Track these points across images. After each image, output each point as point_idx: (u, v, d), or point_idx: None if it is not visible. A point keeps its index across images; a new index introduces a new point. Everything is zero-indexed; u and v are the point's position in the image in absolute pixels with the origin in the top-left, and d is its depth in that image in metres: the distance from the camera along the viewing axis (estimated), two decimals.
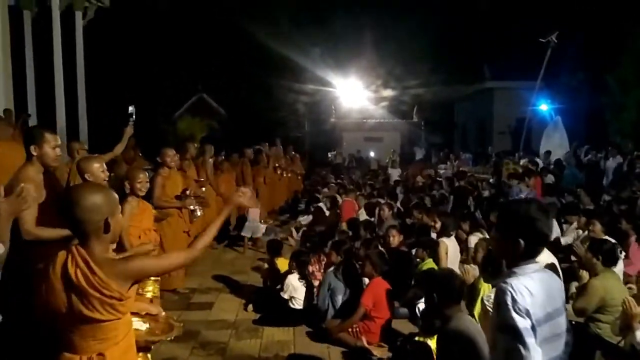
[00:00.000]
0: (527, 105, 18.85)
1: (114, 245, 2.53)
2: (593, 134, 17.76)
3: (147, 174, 4.83)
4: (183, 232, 6.54)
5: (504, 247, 2.03)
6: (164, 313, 2.67)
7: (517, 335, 1.82)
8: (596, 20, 17.45)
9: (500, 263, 3.55)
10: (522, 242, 1.93)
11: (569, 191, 9.83)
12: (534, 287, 1.90)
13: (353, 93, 23.87)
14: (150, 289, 3.72)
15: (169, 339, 2.58)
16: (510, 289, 1.86)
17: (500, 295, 1.90)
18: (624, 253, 5.25)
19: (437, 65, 23.83)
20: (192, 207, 6.17)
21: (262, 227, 8.82)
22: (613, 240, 4.97)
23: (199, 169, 8.33)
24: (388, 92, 24.10)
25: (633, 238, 6.13)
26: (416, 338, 3.65)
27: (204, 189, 7.69)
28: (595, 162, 13.90)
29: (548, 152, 14.41)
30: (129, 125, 5.44)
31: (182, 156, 7.35)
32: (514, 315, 1.83)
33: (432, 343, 3.69)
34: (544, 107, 18.97)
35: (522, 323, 1.82)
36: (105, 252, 2.04)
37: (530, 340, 1.82)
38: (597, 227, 5.73)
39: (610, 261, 4.31)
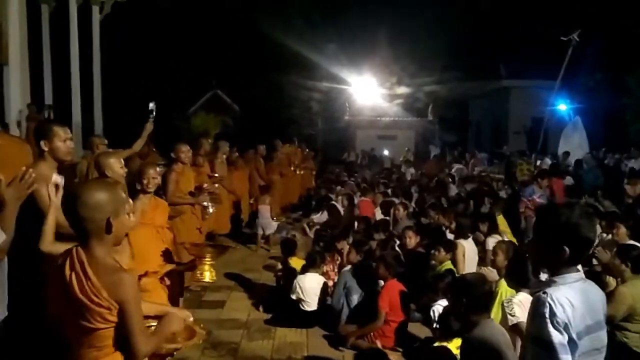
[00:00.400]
0: (543, 105, 18.53)
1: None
2: (612, 135, 17.39)
3: (157, 169, 4.76)
4: (196, 229, 6.50)
5: (545, 254, 1.92)
6: (192, 318, 2.46)
7: (551, 351, 1.72)
8: (616, 20, 17.08)
9: (526, 270, 3.43)
10: (567, 249, 1.82)
11: (590, 193, 9.60)
12: (575, 298, 1.79)
13: (367, 90, 23.66)
14: (207, 273, 3.62)
15: (192, 344, 2.35)
16: (550, 301, 1.76)
17: (538, 306, 1.79)
18: None
19: (452, 63, 23.51)
20: (205, 203, 6.10)
21: (274, 224, 8.74)
22: None
23: (213, 165, 8.28)
24: (402, 90, 23.84)
25: None
26: (436, 343, 3.51)
27: (216, 185, 7.63)
28: (615, 164, 13.60)
29: (567, 153, 14.15)
30: (149, 122, 5.40)
31: (196, 152, 7.31)
32: (551, 329, 1.73)
33: (452, 347, 3.56)
34: (562, 107, 18.63)
35: (558, 338, 1.72)
36: (106, 256, 1.94)
37: (564, 356, 1.72)
38: (622, 230, 5.54)
39: (639, 268, 4.14)
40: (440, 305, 3.99)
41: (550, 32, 15.12)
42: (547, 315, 1.74)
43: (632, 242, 5.19)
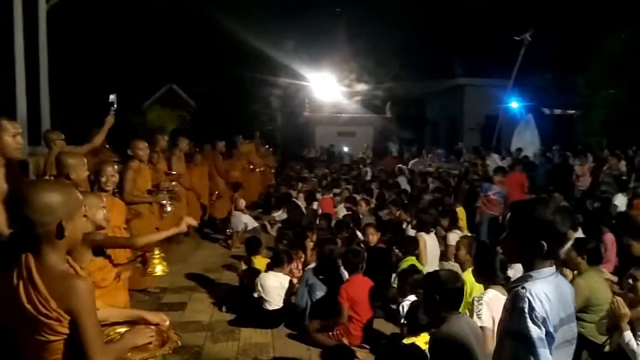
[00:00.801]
0: (497, 103, 19.19)
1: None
2: (561, 132, 18.17)
3: (115, 167, 4.55)
4: (154, 229, 6.26)
5: (522, 249, 1.94)
6: (168, 322, 2.34)
7: (529, 345, 1.75)
8: (566, 21, 17.81)
9: (494, 265, 3.48)
10: (544, 244, 1.85)
11: (541, 189, 9.97)
12: (551, 292, 1.83)
13: (326, 87, 23.67)
14: (160, 267, 3.43)
15: (164, 353, 2.19)
16: (529, 296, 1.78)
17: (517, 301, 1.81)
18: None
19: (409, 61, 23.89)
20: (163, 202, 5.89)
21: (244, 221, 8.61)
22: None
23: (170, 162, 8.02)
24: (361, 87, 24.00)
25: (607, 235, 6.20)
26: (405, 339, 3.51)
27: (174, 183, 7.39)
28: (564, 161, 14.21)
29: (519, 149, 14.64)
30: (110, 115, 5.16)
31: (152, 148, 7.07)
32: (530, 324, 1.75)
33: (420, 342, 3.56)
34: (514, 105, 19.31)
35: (537, 333, 1.75)
36: (59, 262, 1.79)
37: (541, 350, 1.75)
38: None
39: (594, 260, 4.30)
40: (409, 301, 3.99)
41: (504, 32, 15.58)
42: (526, 310, 1.76)
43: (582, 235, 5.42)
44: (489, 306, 3.24)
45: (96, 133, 5.66)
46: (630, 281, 3.49)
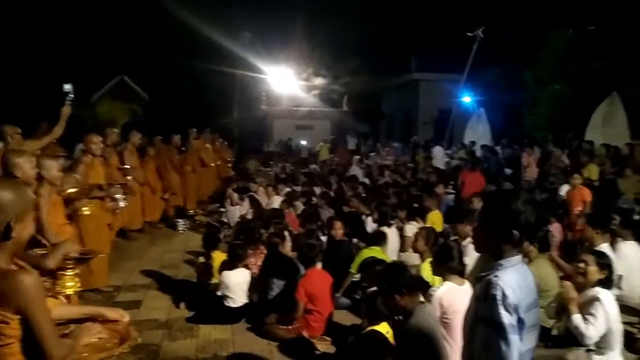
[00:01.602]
0: (450, 97, 19.72)
1: None
2: (511, 126, 18.86)
3: (58, 162, 4.36)
4: (106, 225, 6.05)
5: (493, 239, 1.98)
6: (127, 318, 2.24)
7: (501, 331, 1.80)
8: (516, 18, 18.46)
9: (452, 256, 3.56)
10: (516, 233, 1.91)
11: (492, 181, 10.32)
12: (519, 280, 1.89)
13: (284, 80, 23.51)
14: (71, 284, 3.21)
15: (124, 352, 2.10)
16: (501, 284, 1.83)
17: (489, 288, 1.85)
18: None
19: (366, 56, 24.12)
20: (117, 196, 5.69)
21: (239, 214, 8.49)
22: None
23: (122, 156, 7.75)
24: (319, 81, 24.03)
25: (555, 225, 6.50)
26: (368, 328, 3.53)
27: (129, 177, 7.16)
28: (513, 154, 14.78)
29: (472, 143, 15.09)
30: (66, 105, 4.94)
31: (103, 143, 6.82)
32: (502, 311, 1.80)
33: (382, 329, 3.58)
34: (467, 99, 19.88)
35: (509, 319, 1.81)
36: (5, 262, 1.70)
37: (512, 337, 1.81)
38: None
39: (544, 247, 4.49)
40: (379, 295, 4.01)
41: (457, 29, 15.98)
42: (498, 297, 1.81)
43: None
44: (440, 303, 3.32)
45: (45, 127, 5.41)
46: (581, 265, 3.60)
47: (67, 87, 5.12)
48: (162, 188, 8.98)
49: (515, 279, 1.87)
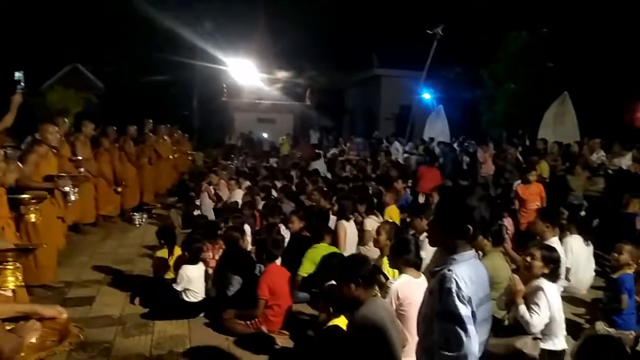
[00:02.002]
0: (411, 94, 20.02)
1: None
2: (469, 123, 19.37)
3: (4, 152, 4.17)
4: (57, 218, 5.81)
5: (448, 234, 2.01)
6: (65, 315, 2.12)
7: (460, 323, 1.83)
8: (475, 17, 18.90)
9: (409, 250, 3.61)
10: (471, 228, 1.93)
11: (448, 177, 10.60)
12: (471, 274, 1.92)
13: (246, 73, 23.20)
14: (12, 279, 3.02)
15: (65, 349, 1.99)
16: (455, 277, 1.86)
17: (444, 282, 1.88)
18: None
19: (329, 50, 24.12)
20: (66, 189, 5.46)
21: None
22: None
23: (74, 147, 7.45)
24: (282, 74, 23.86)
25: (507, 220, 6.71)
26: (329, 323, 3.53)
27: (82, 169, 6.88)
28: (468, 151, 15.18)
29: (431, 139, 15.39)
30: (17, 93, 4.71)
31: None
32: (458, 303, 1.83)
33: (341, 324, 3.60)
34: (427, 96, 20.24)
35: (465, 311, 1.83)
36: None
37: (471, 327, 1.84)
38: None
39: (498, 241, 4.63)
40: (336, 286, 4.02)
41: (418, 25, 16.20)
42: (453, 290, 1.84)
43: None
44: (395, 296, 3.37)
45: None
46: (528, 258, 3.75)
47: (18, 74, 4.89)
48: (116, 181, 8.69)
49: (468, 273, 1.90)
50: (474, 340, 1.83)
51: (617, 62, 15.25)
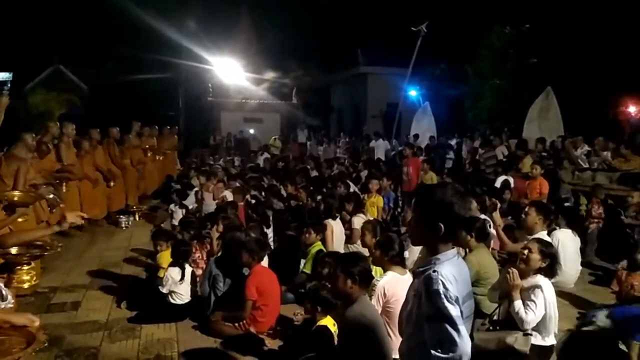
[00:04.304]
0: (397, 91, 20.06)
1: None
2: (455, 119, 19.48)
3: None
4: (41, 222, 5.74)
5: (423, 231, 2.00)
6: (38, 323, 2.11)
7: (451, 324, 1.80)
8: (457, 13, 19.00)
9: (393, 248, 3.61)
10: (442, 226, 1.90)
11: (436, 172, 10.62)
12: (455, 273, 1.90)
13: (232, 72, 23.04)
14: (27, 278, 2.98)
15: (32, 353, 2.00)
16: (442, 278, 1.83)
17: (431, 284, 1.85)
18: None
19: (315, 49, 24.06)
20: (50, 196, 5.38)
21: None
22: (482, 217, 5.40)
23: (58, 150, 7.36)
24: (268, 74, 23.73)
25: (496, 214, 6.75)
26: (319, 322, 3.52)
27: (65, 173, 6.79)
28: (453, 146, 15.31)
29: (416, 135, 15.45)
30: (4, 95, 4.62)
31: (42, 137, 6.49)
32: (447, 304, 1.81)
33: (329, 324, 3.59)
34: (413, 93, 20.31)
35: (455, 311, 1.81)
36: None
37: (462, 327, 1.82)
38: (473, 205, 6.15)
39: (482, 237, 4.65)
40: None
41: (403, 22, 16.22)
42: (441, 291, 1.81)
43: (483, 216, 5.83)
44: (381, 294, 3.37)
45: None
46: (525, 252, 3.69)
47: (5, 75, 4.79)
48: (105, 177, 8.61)
49: (452, 272, 1.88)
50: (467, 339, 1.82)
51: (600, 57, 15.45)
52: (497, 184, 8.51)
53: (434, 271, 1.87)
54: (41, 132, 7.05)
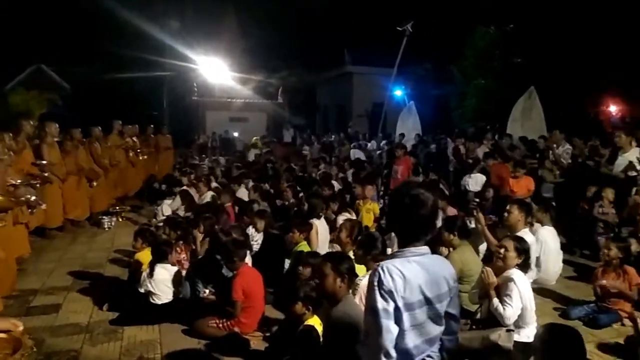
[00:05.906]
0: (383, 90, 20.10)
1: None
2: (440, 119, 19.59)
3: None
4: (19, 225, 5.63)
5: (396, 230, 2.05)
6: (21, 327, 2.09)
7: (375, 316, 1.83)
8: (442, 13, 19.12)
9: (373, 246, 3.62)
10: (407, 225, 1.96)
11: (422, 171, 10.70)
12: (410, 271, 1.87)
13: (217, 72, 22.88)
14: None
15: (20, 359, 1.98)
16: (380, 270, 1.86)
17: (371, 276, 1.91)
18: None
19: (300, 48, 24.03)
20: (32, 198, 5.26)
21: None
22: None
23: (40, 149, 7.22)
24: (254, 73, 23.64)
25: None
26: (306, 322, 3.50)
27: (46, 174, 6.67)
28: (442, 146, 15.36)
29: (402, 135, 15.51)
30: None
31: (16, 136, 6.36)
32: (377, 296, 1.83)
33: (315, 324, 3.57)
34: (398, 92, 20.39)
35: (382, 304, 1.82)
36: None
37: (385, 322, 1.81)
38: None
39: (464, 234, 4.68)
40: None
41: (388, 21, 16.24)
42: (375, 283, 1.85)
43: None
44: (363, 293, 3.37)
45: None
46: (501, 250, 3.77)
47: None
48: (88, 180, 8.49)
49: (402, 269, 1.86)
50: (387, 335, 1.81)
51: (582, 57, 15.65)
52: (473, 183, 8.64)
53: (379, 265, 1.90)
54: (14, 130, 6.90)
